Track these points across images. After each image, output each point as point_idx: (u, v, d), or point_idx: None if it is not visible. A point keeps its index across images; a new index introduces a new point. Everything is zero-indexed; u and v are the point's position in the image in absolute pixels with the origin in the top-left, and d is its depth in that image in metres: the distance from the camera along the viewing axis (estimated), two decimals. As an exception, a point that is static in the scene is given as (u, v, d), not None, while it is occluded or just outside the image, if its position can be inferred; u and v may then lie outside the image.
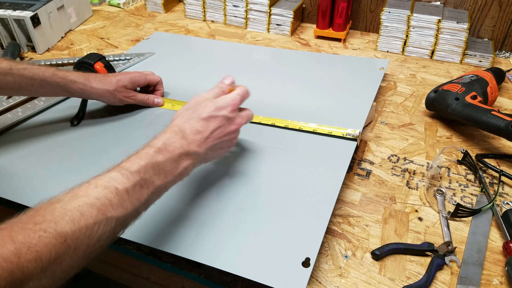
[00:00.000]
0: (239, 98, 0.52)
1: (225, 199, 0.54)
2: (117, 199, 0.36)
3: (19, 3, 0.96)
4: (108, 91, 0.66)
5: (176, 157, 0.44)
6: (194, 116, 0.47)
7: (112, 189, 0.36)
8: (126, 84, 0.68)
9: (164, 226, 0.50)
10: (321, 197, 0.53)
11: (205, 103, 0.49)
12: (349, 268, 0.49)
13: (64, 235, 0.32)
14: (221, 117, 0.49)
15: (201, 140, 0.47)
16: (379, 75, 0.80)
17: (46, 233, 0.31)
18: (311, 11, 1.10)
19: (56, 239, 0.31)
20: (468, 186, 0.61)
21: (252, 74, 0.83)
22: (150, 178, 0.40)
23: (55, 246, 0.31)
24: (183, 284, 0.54)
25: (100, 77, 0.66)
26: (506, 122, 0.61)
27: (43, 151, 0.64)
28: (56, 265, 0.31)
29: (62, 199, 0.34)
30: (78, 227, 0.33)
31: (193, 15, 1.15)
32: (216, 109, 0.49)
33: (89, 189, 0.36)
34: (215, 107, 0.49)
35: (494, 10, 0.92)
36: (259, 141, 0.64)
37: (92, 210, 0.34)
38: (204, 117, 0.47)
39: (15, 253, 0.29)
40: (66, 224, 0.32)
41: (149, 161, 0.41)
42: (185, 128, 0.46)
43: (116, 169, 0.39)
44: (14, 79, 0.59)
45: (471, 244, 0.52)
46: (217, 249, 0.47)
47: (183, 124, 0.47)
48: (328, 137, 0.64)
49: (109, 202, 0.36)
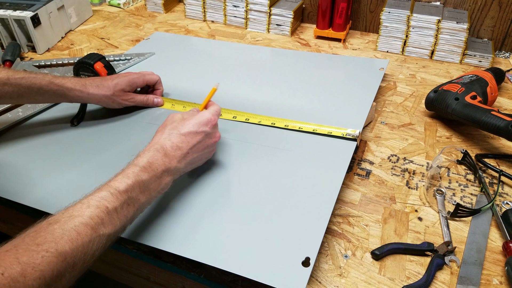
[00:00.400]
0: (217, 114, 0.55)
1: (225, 199, 0.54)
2: (108, 218, 0.39)
3: (20, 3, 0.96)
4: (105, 96, 0.66)
5: (159, 174, 0.46)
6: (174, 132, 0.50)
7: (103, 208, 0.39)
8: (124, 87, 0.67)
9: (164, 225, 0.50)
10: (321, 197, 0.54)
11: (185, 120, 0.52)
12: (349, 268, 0.50)
13: (64, 254, 0.34)
14: (202, 133, 0.52)
15: (181, 156, 0.49)
16: (379, 75, 0.80)
17: (48, 253, 0.33)
18: (311, 11, 1.10)
19: (57, 258, 0.34)
20: (467, 186, 0.61)
21: (252, 74, 0.83)
22: (136, 196, 0.43)
23: (56, 264, 0.34)
24: (183, 284, 0.54)
25: (97, 82, 0.66)
26: (506, 122, 0.61)
27: (43, 151, 0.64)
28: (57, 282, 0.34)
29: (59, 219, 0.37)
30: (76, 246, 0.35)
31: (193, 15, 1.15)
32: (197, 125, 0.51)
33: (83, 208, 0.38)
34: (195, 123, 0.51)
35: (494, 10, 0.92)
36: (259, 141, 0.64)
37: (87, 229, 0.37)
38: (184, 132, 0.50)
39: (21, 273, 0.31)
40: (65, 244, 0.35)
41: (135, 180, 0.43)
42: (166, 144, 0.48)
43: (105, 189, 0.41)
44: (12, 89, 0.59)
45: (471, 244, 0.52)
46: (217, 249, 0.47)
47: (164, 140, 0.49)
48: (328, 137, 0.64)
49: (101, 221, 0.38)
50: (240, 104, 0.73)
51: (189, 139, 0.50)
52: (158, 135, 0.50)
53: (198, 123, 0.51)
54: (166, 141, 0.49)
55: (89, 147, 0.65)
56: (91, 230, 0.37)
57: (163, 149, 0.48)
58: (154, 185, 0.45)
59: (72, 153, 0.63)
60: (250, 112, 0.70)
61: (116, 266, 0.59)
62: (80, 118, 0.70)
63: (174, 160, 0.48)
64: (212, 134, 0.54)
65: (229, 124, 0.68)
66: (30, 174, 0.59)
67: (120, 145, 0.65)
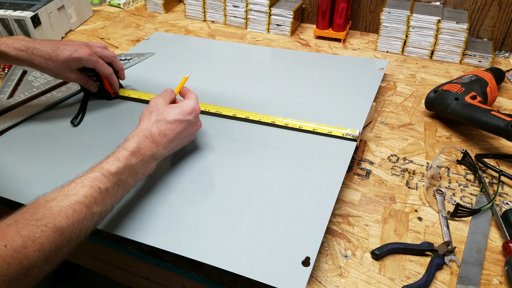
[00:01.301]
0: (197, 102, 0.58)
1: (225, 199, 0.54)
2: (100, 197, 0.42)
3: (20, 3, 0.96)
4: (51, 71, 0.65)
5: (147, 159, 0.49)
6: (161, 119, 0.52)
7: (96, 188, 0.42)
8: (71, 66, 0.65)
9: (164, 225, 0.51)
10: (321, 197, 0.54)
11: (171, 108, 0.54)
12: (349, 268, 0.50)
13: (61, 229, 0.37)
14: (186, 121, 0.54)
15: (166, 142, 0.52)
16: (379, 75, 0.80)
17: (47, 228, 0.36)
18: (311, 12, 1.11)
19: (55, 233, 0.36)
20: (467, 186, 0.61)
21: (252, 74, 0.83)
22: (125, 179, 0.46)
23: (54, 238, 0.36)
24: (183, 284, 0.54)
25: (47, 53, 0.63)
26: (506, 122, 0.61)
27: (43, 151, 0.64)
28: (55, 254, 0.37)
29: (56, 197, 0.39)
30: (72, 222, 0.38)
31: (193, 15, 1.15)
32: (182, 114, 0.54)
33: (77, 188, 0.41)
34: (181, 111, 0.54)
35: (494, 10, 0.92)
36: (259, 140, 0.64)
37: (82, 207, 0.40)
38: (170, 120, 0.53)
39: (22, 245, 0.34)
40: (62, 220, 0.37)
41: (125, 163, 0.46)
42: (154, 131, 0.51)
43: (98, 170, 0.44)
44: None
45: (471, 244, 0.52)
46: (217, 249, 0.47)
47: (151, 127, 0.51)
48: (328, 137, 0.64)
49: (94, 200, 0.41)
50: (240, 103, 0.73)
51: (174, 127, 0.53)
52: (145, 121, 0.52)
53: (183, 112, 0.54)
54: (154, 128, 0.51)
55: (89, 147, 0.65)
56: (85, 208, 0.40)
57: (151, 135, 0.50)
58: (141, 169, 0.49)
59: (72, 153, 0.63)
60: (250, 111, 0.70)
61: (116, 266, 0.59)
62: (80, 118, 0.71)
63: (160, 146, 0.51)
64: (194, 122, 0.56)
65: (229, 123, 0.68)
66: (30, 174, 0.59)
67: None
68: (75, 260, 0.64)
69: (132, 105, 0.74)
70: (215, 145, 0.64)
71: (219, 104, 0.72)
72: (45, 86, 0.80)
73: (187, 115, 0.54)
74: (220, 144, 0.64)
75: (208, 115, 0.70)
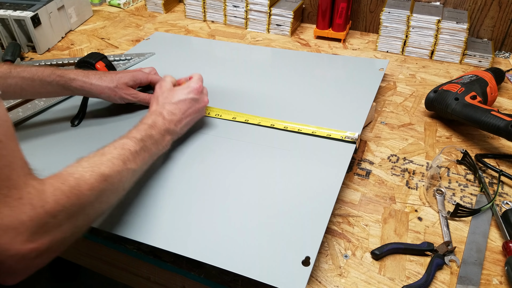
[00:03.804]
0: (200, 82, 0.64)
1: (226, 198, 0.54)
2: (132, 157, 0.48)
3: (20, 3, 0.96)
4: (108, 88, 0.66)
5: (163, 132, 0.55)
6: (167, 102, 0.59)
7: (127, 150, 0.48)
8: (127, 81, 0.68)
9: (164, 225, 0.51)
10: (321, 197, 0.54)
11: (174, 91, 0.61)
12: (349, 268, 0.50)
13: (105, 175, 0.42)
14: (190, 100, 0.61)
15: (176, 120, 0.58)
16: (379, 75, 0.80)
17: (94, 172, 0.41)
18: (311, 11, 1.11)
19: (101, 177, 0.42)
20: (467, 186, 0.61)
21: (252, 74, 0.83)
22: (149, 146, 0.52)
23: (101, 182, 0.42)
24: (183, 284, 0.54)
25: (101, 74, 0.66)
26: (506, 122, 0.61)
27: (43, 151, 0.64)
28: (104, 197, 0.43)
29: (94, 155, 0.45)
30: (113, 171, 0.44)
31: (193, 15, 1.15)
32: (184, 94, 0.60)
33: (111, 149, 0.47)
34: (182, 92, 0.61)
35: (494, 10, 0.92)
36: (259, 141, 0.64)
37: (119, 162, 0.45)
38: (175, 101, 0.59)
39: (76, 184, 0.39)
40: (106, 168, 0.43)
41: (146, 133, 0.52)
42: (163, 111, 0.57)
43: (125, 137, 0.50)
44: (15, 81, 0.60)
45: (471, 244, 0.52)
46: (217, 248, 0.47)
47: (160, 108, 0.58)
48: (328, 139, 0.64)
49: (127, 158, 0.47)
50: (239, 104, 0.73)
51: (180, 106, 0.59)
52: (154, 105, 0.59)
53: (185, 92, 0.61)
54: (162, 109, 0.58)
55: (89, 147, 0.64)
56: (122, 163, 0.46)
57: (161, 114, 0.57)
58: (160, 141, 0.54)
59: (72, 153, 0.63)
60: (249, 113, 0.70)
61: (116, 266, 0.59)
62: (80, 118, 0.71)
63: (171, 123, 0.57)
64: (199, 99, 0.62)
65: (229, 125, 0.68)
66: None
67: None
68: (75, 260, 0.64)
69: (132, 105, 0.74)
70: (215, 145, 0.64)
71: (219, 106, 0.72)
72: (45, 86, 0.80)
73: (189, 94, 0.61)
74: (220, 145, 0.64)
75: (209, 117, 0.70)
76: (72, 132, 0.68)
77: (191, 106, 0.61)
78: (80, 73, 0.65)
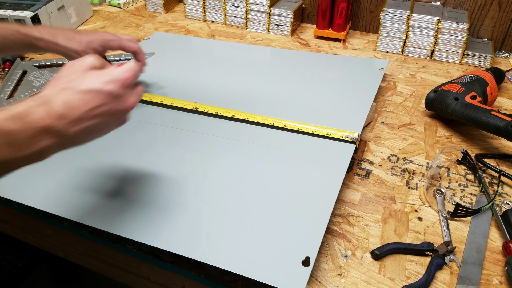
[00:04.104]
0: (133, 72, 0.42)
1: (225, 198, 0.54)
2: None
3: (20, 3, 0.96)
4: (74, 51, 0.61)
5: (36, 131, 0.36)
6: (69, 87, 0.38)
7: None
8: (96, 47, 0.63)
9: (164, 225, 0.51)
10: (321, 197, 0.54)
11: (87, 73, 0.40)
12: (349, 268, 0.50)
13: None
14: (106, 93, 0.39)
15: (74, 118, 0.38)
16: (379, 75, 0.80)
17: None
18: (311, 12, 1.11)
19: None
20: (467, 186, 0.61)
21: (252, 74, 0.83)
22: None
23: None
24: (183, 284, 0.54)
25: (69, 35, 0.62)
26: (506, 122, 0.61)
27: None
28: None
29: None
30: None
31: (193, 15, 1.15)
32: (102, 82, 0.39)
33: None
34: (100, 80, 0.39)
35: (494, 10, 0.92)
36: (258, 141, 0.64)
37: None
38: (83, 89, 0.38)
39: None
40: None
41: None
42: (54, 100, 0.37)
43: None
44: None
45: (471, 244, 0.52)
46: (217, 248, 0.47)
47: (53, 95, 0.38)
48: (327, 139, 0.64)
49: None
50: (239, 103, 0.73)
51: (89, 98, 0.38)
52: (48, 88, 0.39)
53: (102, 81, 0.39)
54: (56, 97, 0.38)
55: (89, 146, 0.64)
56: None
57: (49, 103, 0.37)
58: (24, 142, 0.36)
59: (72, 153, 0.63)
60: (249, 112, 0.70)
61: (116, 266, 0.59)
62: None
63: (63, 121, 0.37)
64: (122, 97, 0.41)
65: (229, 125, 0.68)
66: (30, 173, 0.59)
67: (120, 144, 0.65)
68: (75, 260, 0.64)
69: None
70: (215, 145, 0.64)
71: (219, 104, 0.72)
72: (45, 86, 0.80)
73: (108, 85, 0.39)
74: (220, 145, 0.64)
75: (208, 116, 0.70)
76: (72, 132, 0.68)
77: (105, 104, 0.39)
78: (47, 32, 0.61)
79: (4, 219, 0.66)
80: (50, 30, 0.61)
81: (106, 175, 0.59)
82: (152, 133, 0.67)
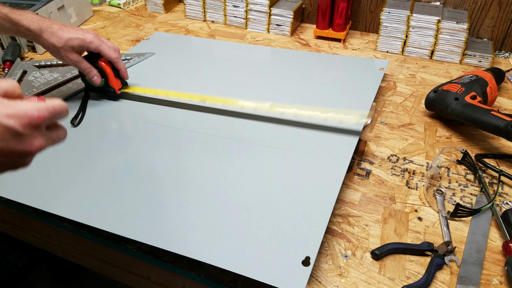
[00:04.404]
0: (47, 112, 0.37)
1: (225, 198, 0.54)
2: None
3: (20, 3, 0.96)
4: (54, 46, 0.66)
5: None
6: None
7: None
8: (74, 46, 0.67)
9: (164, 225, 0.51)
10: (321, 197, 0.54)
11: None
12: (349, 268, 0.50)
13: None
14: (3, 127, 0.33)
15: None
16: (379, 75, 0.80)
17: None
18: (311, 12, 1.11)
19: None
20: (467, 186, 0.61)
21: (252, 74, 0.83)
22: None
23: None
24: (183, 284, 0.54)
25: (54, 29, 0.66)
26: (506, 122, 0.61)
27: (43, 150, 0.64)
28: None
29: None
30: None
31: (193, 15, 1.15)
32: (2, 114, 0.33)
33: None
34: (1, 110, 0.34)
35: (494, 10, 0.92)
36: (258, 140, 0.64)
37: None
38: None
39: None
40: None
41: None
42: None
43: None
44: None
45: (471, 244, 0.52)
46: (217, 248, 0.47)
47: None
48: (328, 138, 0.64)
49: None
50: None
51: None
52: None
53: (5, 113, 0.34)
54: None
55: (89, 146, 0.65)
56: None
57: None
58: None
59: (72, 153, 0.63)
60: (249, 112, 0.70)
61: (116, 266, 0.59)
62: (80, 118, 0.71)
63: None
64: (25, 137, 0.36)
65: (229, 124, 0.68)
66: (30, 173, 0.59)
67: (121, 144, 0.65)
68: (75, 260, 0.64)
69: (132, 105, 0.74)
70: (215, 145, 0.64)
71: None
72: (45, 86, 0.80)
73: (11, 120, 0.34)
74: (220, 145, 0.64)
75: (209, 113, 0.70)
76: (72, 132, 0.68)
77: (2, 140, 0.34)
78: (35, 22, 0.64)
79: (4, 219, 0.66)
80: (38, 21, 0.64)
81: (106, 175, 0.59)
82: (152, 133, 0.67)
